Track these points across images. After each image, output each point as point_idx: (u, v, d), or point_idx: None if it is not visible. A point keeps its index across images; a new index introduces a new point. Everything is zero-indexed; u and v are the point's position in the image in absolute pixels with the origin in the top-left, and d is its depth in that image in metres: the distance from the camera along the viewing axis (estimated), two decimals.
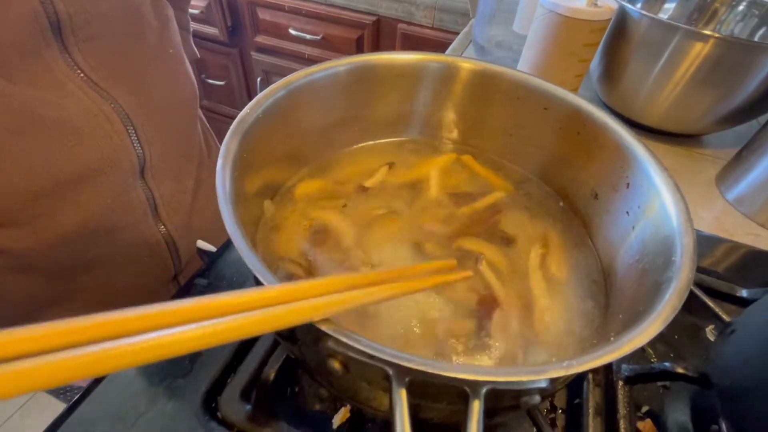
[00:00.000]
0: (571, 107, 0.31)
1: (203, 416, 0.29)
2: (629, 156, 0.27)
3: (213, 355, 0.33)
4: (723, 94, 0.53)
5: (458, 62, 0.31)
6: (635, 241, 0.25)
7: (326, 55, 1.30)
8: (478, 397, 0.15)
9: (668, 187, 0.23)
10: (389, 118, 0.35)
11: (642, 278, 0.22)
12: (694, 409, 0.33)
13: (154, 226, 0.47)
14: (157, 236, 0.48)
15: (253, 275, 0.26)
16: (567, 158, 0.33)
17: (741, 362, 0.27)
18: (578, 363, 0.15)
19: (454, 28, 1.11)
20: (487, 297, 0.26)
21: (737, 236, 0.48)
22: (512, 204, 0.34)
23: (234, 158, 0.23)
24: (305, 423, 0.31)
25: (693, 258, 0.19)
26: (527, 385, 0.15)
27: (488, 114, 0.35)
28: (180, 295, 0.37)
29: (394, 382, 0.15)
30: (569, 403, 0.33)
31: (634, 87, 0.58)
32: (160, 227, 0.48)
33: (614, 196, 0.29)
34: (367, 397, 0.22)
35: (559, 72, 0.58)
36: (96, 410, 0.29)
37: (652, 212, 0.24)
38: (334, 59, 0.29)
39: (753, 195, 0.50)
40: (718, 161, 0.59)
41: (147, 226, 0.46)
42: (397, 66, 0.31)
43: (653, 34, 0.52)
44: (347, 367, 0.18)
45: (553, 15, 0.53)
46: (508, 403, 0.19)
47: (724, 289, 0.40)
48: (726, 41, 0.48)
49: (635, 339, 0.16)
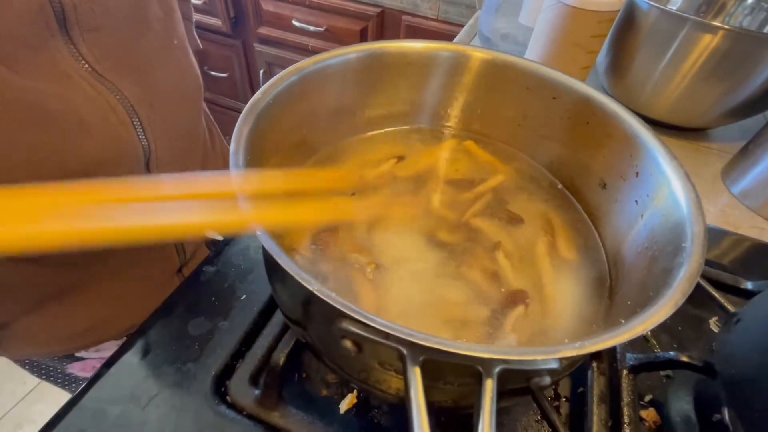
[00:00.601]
0: (581, 96, 0.31)
1: (213, 399, 0.30)
2: (639, 145, 0.27)
3: (221, 341, 0.33)
4: (730, 87, 0.52)
5: (468, 51, 0.31)
6: (644, 229, 0.25)
7: (329, 46, 1.29)
8: (491, 376, 0.15)
9: (678, 175, 0.23)
10: (398, 106, 0.35)
11: (651, 265, 0.23)
12: (697, 398, 0.33)
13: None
14: None
15: (263, 261, 0.26)
16: (575, 147, 0.33)
17: (746, 351, 0.27)
18: (591, 343, 0.15)
19: (458, 20, 1.10)
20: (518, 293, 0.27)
21: (742, 229, 0.48)
22: (517, 190, 0.34)
23: (246, 143, 0.23)
24: (312, 408, 0.31)
25: (704, 244, 0.19)
26: (539, 365, 0.16)
27: (497, 103, 0.35)
28: (188, 283, 0.37)
29: (409, 361, 0.16)
30: (573, 392, 0.34)
31: (641, 79, 0.58)
32: None
33: (623, 185, 0.29)
34: (378, 379, 0.22)
35: (566, 64, 0.58)
36: (109, 392, 0.30)
37: (662, 201, 0.24)
38: (346, 46, 0.29)
39: (758, 189, 0.50)
40: (724, 155, 0.59)
41: None
42: (408, 54, 0.31)
43: (662, 25, 0.52)
44: (360, 347, 0.18)
45: (561, 6, 0.53)
46: (519, 385, 0.19)
47: (729, 281, 0.40)
48: (735, 33, 0.48)
49: (647, 321, 0.16)
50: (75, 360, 0.52)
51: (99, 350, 0.52)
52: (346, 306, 0.16)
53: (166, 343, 0.33)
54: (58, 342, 0.48)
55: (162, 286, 0.51)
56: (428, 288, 0.27)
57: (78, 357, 0.52)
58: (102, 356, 0.53)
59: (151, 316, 0.34)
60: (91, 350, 0.52)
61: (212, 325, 0.34)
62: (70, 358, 0.52)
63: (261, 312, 0.35)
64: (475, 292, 0.27)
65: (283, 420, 0.30)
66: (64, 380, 0.56)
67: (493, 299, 0.27)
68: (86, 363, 0.53)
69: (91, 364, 0.54)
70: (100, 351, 0.52)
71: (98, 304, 0.47)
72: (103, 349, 0.52)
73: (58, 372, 0.55)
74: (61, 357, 0.52)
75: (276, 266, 0.19)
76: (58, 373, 0.55)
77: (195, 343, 0.33)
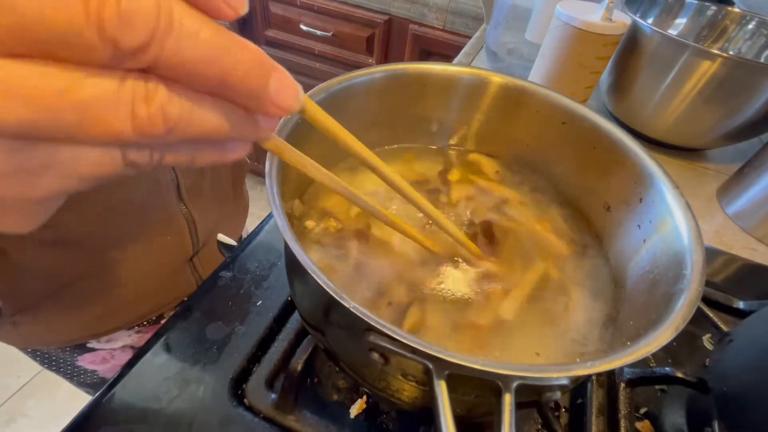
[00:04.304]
0: (589, 123, 0.33)
1: (231, 401, 0.31)
2: (643, 173, 0.29)
3: (239, 345, 0.35)
4: (728, 111, 0.54)
5: (489, 76, 0.33)
6: (646, 254, 0.27)
7: (336, 52, 1.31)
8: (510, 390, 0.17)
9: (680, 206, 0.25)
10: (416, 125, 0.37)
11: (653, 288, 0.24)
12: (689, 412, 0.35)
13: (177, 207, 0.49)
14: (180, 217, 0.50)
15: (285, 265, 0.27)
16: (582, 171, 0.35)
17: (738, 370, 0.29)
18: (600, 363, 0.17)
19: (465, 31, 1.12)
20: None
21: (735, 249, 0.50)
22: (523, 211, 0.36)
23: (278, 160, 0.24)
24: (324, 412, 0.33)
25: (702, 273, 0.21)
26: (553, 381, 0.17)
27: (509, 126, 0.36)
28: (204, 288, 0.38)
29: (435, 375, 0.17)
30: (572, 403, 0.35)
31: (641, 100, 0.60)
32: (182, 208, 0.50)
33: (626, 209, 0.30)
34: (396, 388, 0.24)
35: (570, 82, 0.60)
36: (131, 393, 0.31)
37: (665, 229, 0.25)
38: (370, 67, 0.31)
39: (752, 210, 0.52)
40: (719, 176, 0.61)
41: (172, 205, 0.49)
42: (427, 76, 0.33)
43: (663, 50, 0.54)
44: (387, 359, 0.19)
45: (568, 27, 0.55)
46: (532, 398, 0.21)
47: (722, 300, 0.42)
48: (733, 61, 0.50)
49: (650, 344, 0.18)
50: (86, 351, 0.54)
51: (110, 341, 0.54)
52: (375, 321, 0.18)
53: (185, 346, 0.34)
54: (75, 329, 0.50)
55: (174, 275, 0.53)
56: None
57: (89, 348, 0.53)
58: (112, 347, 0.55)
59: (170, 319, 0.36)
60: (102, 340, 0.53)
61: (230, 330, 0.35)
62: (81, 349, 0.53)
63: (276, 318, 0.36)
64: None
65: (298, 424, 0.31)
66: (72, 372, 0.58)
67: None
68: (96, 354, 0.55)
69: (101, 355, 0.55)
70: (111, 342, 0.54)
71: (114, 291, 0.48)
72: (114, 340, 0.54)
73: (68, 363, 0.56)
74: (72, 348, 0.53)
75: (301, 274, 0.21)
76: (68, 365, 0.56)
77: (213, 346, 0.34)
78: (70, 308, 0.47)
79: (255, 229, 0.44)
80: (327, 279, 0.18)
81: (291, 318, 0.37)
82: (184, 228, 0.51)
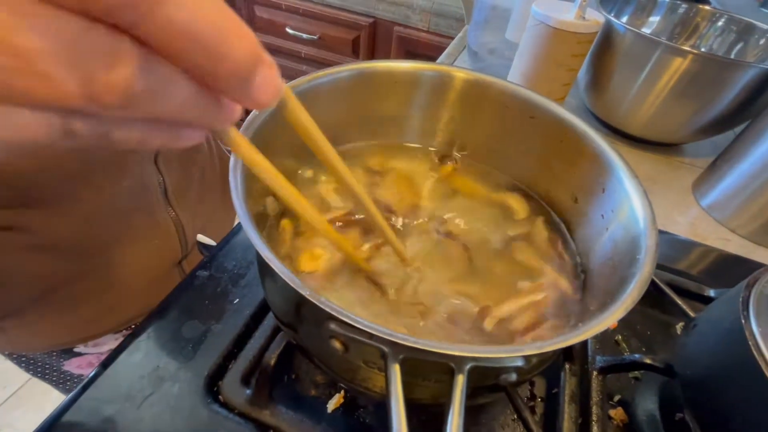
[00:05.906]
0: (555, 117, 0.33)
1: (206, 399, 0.31)
2: (605, 163, 0.29)
3: (214, 343, 0.35)
4: (700, 106, 0.56)
5: (452, 71, 0.34)
6: (607, 241, 0.28)
7: (322, 55, 1.32)
8: (462, 372, 0.17)
9: (638, 192, 0.26)
10: (385, 122, 0.37)
11: (612, 274, 0.25)
12: (661, 399, 0.36)
13: (165, 210, 0.49)
14: (168, 220, 0.50)
15: (257, 266, 0.28)
16: (550, 164, 0.35)
17: (700, 355, 0.29)
18: (549, 344, 0.17)
19: (448, 32, 1.13)
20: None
21: (709, 240, 0.51)
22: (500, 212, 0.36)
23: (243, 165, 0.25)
24: (301, 407, 0.33)
25: (654, 256, 0.22)
26: (506, 362, 0.18)
27: (478, 121, 0.37)
28: (183, 287, 0.39)
29: (390, 359, 0.18)
30: (548, 393, 0.36)
31: (618, 97, 0.61)
32: (170, 211, 0.50)
33: (591, 200, 0.31)
34: (363, 377, 0.24)
35: (548, 80, 0.61)
36: (105, 392, 0.31)
37: (623, 215, 0.26)
38: (336, 66, 0.32)
39: (725, 202, 0.54)
40: (695, 169, 0.62)
41: (159, 209, 0.49)
42: (395, 73, 0.34)
43: (636, 47, 0.55)
44: (347, 347, 0.20)
45: (543, 26, 0.56)
46: (490, 382, 0.21)
47: (694, 288, 0.43)
48: (704, 57, 0.51)
49: (598, 325, 0.18)
50: (72, 356, 0.53)
51: (97, 345, 0.53)
52: (334, 309, 0.18)
53: (161, 344, 0.34)
54: (62, 333, 0.49)
55: (162, 279, 0.53)
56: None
57: (76, 353, 0.53)
58: (99, 351, 0.54)
59: (147, 319, 0.36)
60: (89, 345, 0.53)
61: (205, 328, 0.36)
62: (68, 354, 0.53)
63: (253, 315, 0.37)
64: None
65: (273, 418, 0.31)
66: (59, 378, 0.57)
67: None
68: (83, 359, 0.54)
69: (88, 360, 0.54)
70: (98, 346, 0.54)
71: (103, 295, 0.48)
72: (101, 344, 0.53)
73: (54, 369, 0.55)
74: (59, 352, 0.52)
75: (269, 271, 0.21)
76: (54, 371, 0.56)
77: (189, 344, 0.34)
78: (57, 313, 0.47)
79: (233, 228, 0.45)
80: (285, 268, 0.18)
81: (268, 316, 0.37)
82: (172, 231, 0.51)
